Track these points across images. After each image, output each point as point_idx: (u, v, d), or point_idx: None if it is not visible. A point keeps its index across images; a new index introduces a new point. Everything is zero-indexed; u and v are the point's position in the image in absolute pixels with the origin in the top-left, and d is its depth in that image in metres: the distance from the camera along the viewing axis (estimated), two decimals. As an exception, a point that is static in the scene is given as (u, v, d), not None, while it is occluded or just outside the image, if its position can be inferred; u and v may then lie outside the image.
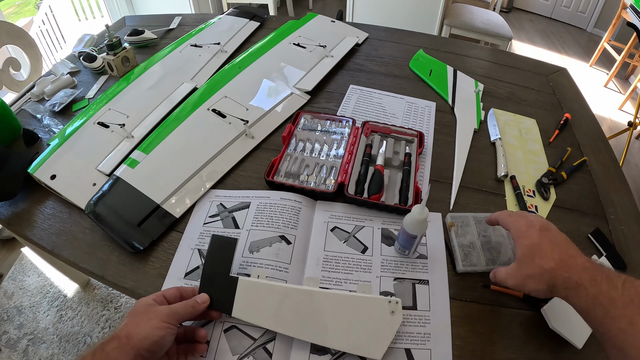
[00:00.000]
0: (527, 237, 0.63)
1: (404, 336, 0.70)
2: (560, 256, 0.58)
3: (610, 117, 3.53)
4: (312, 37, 1.45)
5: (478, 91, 1.29)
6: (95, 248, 0.82)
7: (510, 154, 1.08)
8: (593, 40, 4.86)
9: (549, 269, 0.58)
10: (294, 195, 0.89)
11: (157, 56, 1.34)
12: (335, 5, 4.79)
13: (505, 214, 0.70)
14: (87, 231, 0.84)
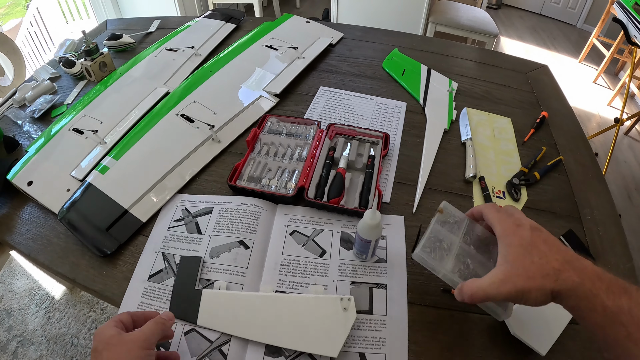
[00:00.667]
0: (517, 236, 0.55)
1: (358, 340, 0.69)
2: (564, 257, 0.52)
3: (599, 113, 3.52)
4: (285, 39, 1.43)
5: (451, 90, 1.26)
6: (68, 252, 0.83)
7: (481, 154, 1.05)
8: (583, 36, 4.86)
9: (554, 269, 0.51)
10: (254, 200, 0.89)
11: (134, 61, 1.34)
12: (323, 5, 4.78)
13: (492, 209, 0.62)
14: (61, 236, 0.86)
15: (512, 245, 0.55)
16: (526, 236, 0.55)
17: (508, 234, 0.56)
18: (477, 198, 0.95)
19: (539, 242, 0.54)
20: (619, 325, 0.46)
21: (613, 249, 0.89)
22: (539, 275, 0.50)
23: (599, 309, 0.47)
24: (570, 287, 0.49)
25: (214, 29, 1.54)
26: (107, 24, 1.64)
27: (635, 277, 0.85)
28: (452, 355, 0.69)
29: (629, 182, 2.86)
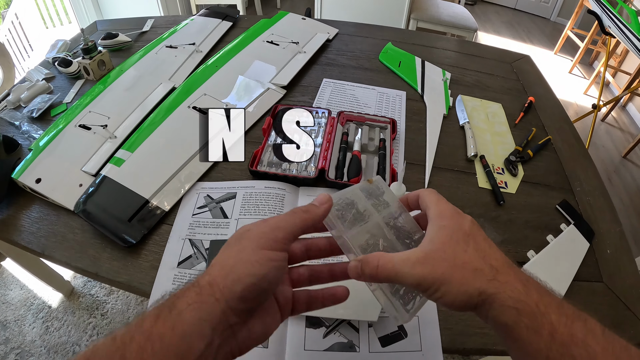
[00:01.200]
0: (454, 221, 0.44)
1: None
2: (504, 259, 0.41)
3: (576, 102, 3.64)
4: (285, 35, 1.49)
5: (446, 79, 1.35)
6: (86, 247, 0.82)
7: (478, 136, 1.13)
8: (557, 29, 5.01)
9: (492, 266, 0.39)
10: (277, 183, 0.92)
11: (133, 58, 1.35)
12: (303, 4, 4.83)
13: (433, 193, 0.48)
14: (76, 231, 0.85)
15: (445, 228, 0.43)
16: (465, 225, 0.43)
17: (444, 216, 0.44)
18: (480, 174, 1.03)
19: (478, 235, 0.43)
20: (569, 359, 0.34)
21: (603, 216, 0.98)
22: (470, 267, 0.39)
23: (546, 332, 0.35)
24: (510, 293, 0.37)
25: (212, 27, 1.58)
26: (97, 25, 1.66)
27: (627, 240, 0.93)
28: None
29: (608, 166, 2.99)
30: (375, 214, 0.52)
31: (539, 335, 0.35)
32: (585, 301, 0.79)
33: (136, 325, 0.35)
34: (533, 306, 0.36)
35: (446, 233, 0.42)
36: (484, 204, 0.96)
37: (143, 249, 0.82)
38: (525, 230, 0.91)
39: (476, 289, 0.38)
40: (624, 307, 0.79)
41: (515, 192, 0.99)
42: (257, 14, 4.26)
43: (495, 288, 0.38)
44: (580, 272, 0.83)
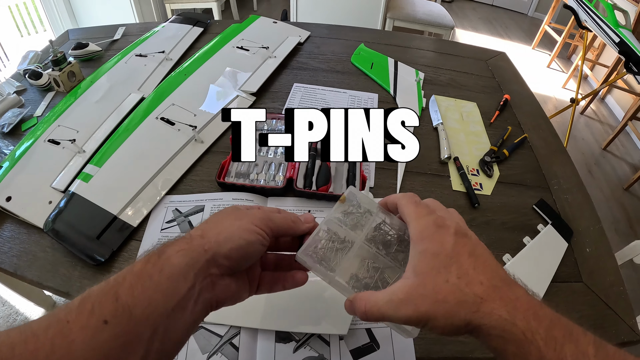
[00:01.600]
0: (435, 242, 0.42)
1: None
2: (491, 279, 0.39)
3: (555, 96, 3.66)
4: (255, 40, 1.46)
5: (419, 80, 1.33)
6: (57, 265, 0.80)
7: (452, 136, 1.11)
8: (534, 24, 5.04)
9: (476, 295, 0.38)
10: (245, 194, 0.90)
11: (103, 68, 1.32)
12: (280, 6, 4.81)
13: (410, 201, 0.47)
14: (47, 249, 0.83)
15: (426, 252, 0.41)
16: (448, 243, 0.41)
17: (424, 237, 0.42)
18: (454, 177, 1.00)
19: (462, 253, 0.41)
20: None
21: (582, 213, 0.96)
22: (453, 300, 0.38)
23: (533, 359, 0.35)
24: (495, 323, 0.37)
25: (182, 33, 1.54)
26: (69, 34, 1.61)
27: (606, 237, 0.92)
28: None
29: (589, 158, 3.00)
30: (356, 237, 0.50)
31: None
32: (565, 302, 0.78)
33: (127, 269, 0.39)
34: (519, 334, 0.36)
35: (426, 261, 0.41)
36: (458, 207, 0.93)
37: (113, 266, 0.80)
38: (502, 233, 0.89)
39: (462, 320, 0.38)
40: (605, 306, 0.78)
41: (491, 194, 0.98)
42: (233, 18, 4.22)
43: (479, 319, 0.37)
44: (559, 273, 0.81)
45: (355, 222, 0.52)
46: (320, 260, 0.49)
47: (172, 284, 0.39)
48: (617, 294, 0.81)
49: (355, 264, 0.49)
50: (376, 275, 0.48)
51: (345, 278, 0.48)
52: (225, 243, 0.42)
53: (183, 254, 0.40)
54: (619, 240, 2.40)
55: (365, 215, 0.52)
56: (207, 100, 1.18)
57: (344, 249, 0.50)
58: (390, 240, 0.51)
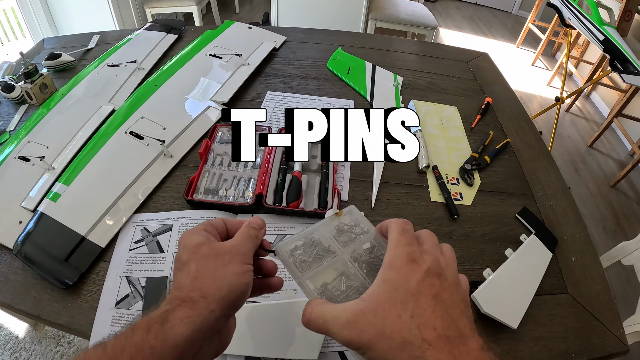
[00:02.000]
0: (402, 274, 0.39)
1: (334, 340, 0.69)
2: (446, 328, 0.36)
3: (540, 94, 3.66)
4: (229, 46, 1.42)
5: (397, 84, 1.29)
6: (28, 288, 0.78)
7: (431, 144, 1.07)
8: (518, 22, 5.06)
9: (423, 339, 0.35)
10: (214, 212, 0.87)
11: (76, 79, 1.28)
12: (262, 8, 4.77)
13: (398, 228, 0.45)
14: (19, 271, 0.81)
15: (388, 282, 0.39)
16: (413, 280, 0.39)
17: (393, 266, 0.41)
18: (432, 187, 0.96)
19: (426, 293, 0.38)
20: None
21: (567, 220, 0.93)
22: (399, 339, 0.36)
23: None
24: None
25: (156, 41, 1.50)
26: (45, 43, 1.57)
27: (592, 244, 0.89)
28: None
29: (574, 156, 3.00)
30: (340, 250, 0.50)
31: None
32: (549, 315, 0.75)
33: (126, 336, 0.37)
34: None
35: (386, 290, 0.39)
36: (437, 219, 0.90)
37: (82, 288, 0.78)
38: (482, 245, 0.86)
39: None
40: (591, 317, 0.76)
41: (472, 203, 0.94)
42: (214, 22, 4.18)
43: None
44: (543, 285, 0.78)
45: (347, 240, 0.51)
46: (295, 261, 0.49)
47: (177, 354, 0.37)
48: (603, 304, 0.78)
49: (330, 275, 0.48)
50: (348, 292, 0.46)
51: (316, 284, 0.47)
52: (229, 295, 0.42)
53: (189, 322, 0.38)
54: (607, 237, 2.38)
55: (360, 237, 0.51)
56: (177, 112, 1.14)
57: (324, 257, 0.49)
58: (377, 265, 0.47)
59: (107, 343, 0.37)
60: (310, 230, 0.52)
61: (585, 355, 0.71)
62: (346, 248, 0.50)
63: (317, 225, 0.52)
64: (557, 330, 0.73)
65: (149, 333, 0.37)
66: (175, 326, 0.38)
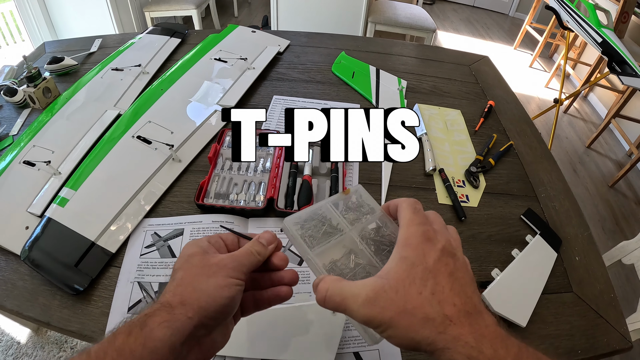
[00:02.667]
0: (419, 252, 0.40)
1: (350, 340, 0.71)
2: (464, 304, 0.37)
3: (538, 95, 3.68)
4: (233, 50, 1.43)
5: (402, 88, 1.31)
6: (36, 294, 0.77)
7: (437, 147, 1.09)
8: (516, 24, 5.09)
9: (444, 316, 0.36)
10: (225, 216, 0.87)
11: (79, 83, 1.28)
12: (261, 11, 4.79)
13: (410, 207, 0.45)
14: (26, 278, 0.80)
15: (406, 260, 0.39)
16: (430, 257, 0.39)
17: (409, 244, 0.40)
18: (439, 189, 0.98)
19: (443, 271, 0.39)
20: None
21: (570, 220, 0.95)
22: (420, 314, 0.36)
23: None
24: (462, 350, 0.34)
25: (159, 45, 1.51)
26: (45, 47, 1.58)
27: (595, 244, 0.91)
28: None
29: (573, 156, 3.02)
30: (349, 228, 0.49)
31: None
32: (555, 314, 0.77)
33: (109, 341, 0.38)
34: (489, 356, 0.34)
35: (404, 268, 0.39)
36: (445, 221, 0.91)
37: (93, 294, 0.77)
38: (489, 246, 0.87)
39: (424, 338, 0.36)
40: (596, 315, 0.78)
41: (478, 205, 0.96)
42: (214, 25, 4.19)
43: (444, 342, 0.35)
44: (548, 284, 0.80)
45: (354, 218, 0.51)
46: (304, 235, 0.49)
47: (156, 357, 0.38)
48: (607, 302, 0.80)
49: (338, 252, 0.48)
50: (356, 270, 0.46)
51: (324, 261, 0.47)
52: (208, 306, 0.41)
53: (166, 326, 0.39)
54: (606, 237, 2.41)
55: (367, 216, 0.51)
56: (184, 117, 1.15)
57: (333, 234, 0.49)
58: (384, 244, 0.49)
59: (91, 349, 0.37)
60: (319, 206, 0.52)
61: (591, 352, 0.72)
62: (354, 226, 0.50)
63: (325, 202, 0.52)
64: (563, 329, 0.75)
65: (130, 337, 0.38)
66: (153, 330, 0.38)
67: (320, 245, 0.48)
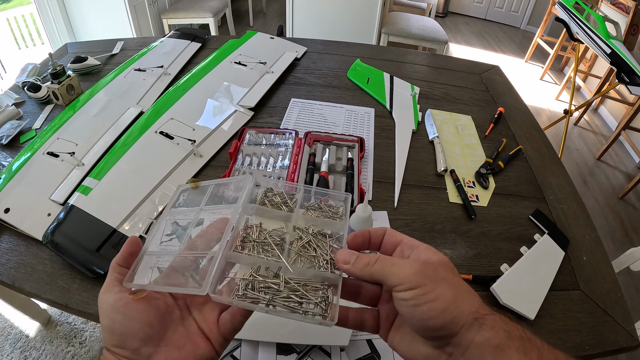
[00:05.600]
0: (428, 267, 0.38)
1: None
2: (479, 304, 0.37)
3: (549, 107, 3.69)
4: (253, 55, 1.48)
5: (414, 94, 1.35)
6: (56, 278, 0.80)
7: (448, 150, 1.13)
8: (527, 37, 5.11)
9: (472, 309, 0.36)
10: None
11: (102, 82, 1.33)
12: (276, 21, 4.87)
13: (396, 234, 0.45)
14: (46, 262, 0.83)
15: (429, 264, 0.39)
16: (438, 273, 0.38)
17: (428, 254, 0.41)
18: (450, 189, 1.02)
19: (455, 281, 0.39)
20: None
21: (577, 222, 0.98)
22: (464, 290, 0.38)
23: (534, 355, 0.34)
24: (499, 318, 0.36)
25: (180, 48, 1.56)
26: (68, 47, 1.63)
27: (602, 245, 0.94)
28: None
29: (583, 168, 3.02)
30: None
31: (528, 357, 0.34)
32: (563, 310, 0.79)
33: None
34: (520, 331, 0.35)
35: (433, 264, 0.39)
36: (455, 218, 0.95)
37: None
38: (498, 243, 0.90)
39: (471, 306, 0.36)
40: (603, 313, 0.79)
41: (487, 205, 0.99)
42: (229, 33, 4.26)
43: (487, 310, 0.36)
44: (556, 282, 0.82)
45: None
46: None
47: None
48: (614, 301, 0.82)
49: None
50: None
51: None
52: (110, 336, 0.40)
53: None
54: (615, 248, 2.40)
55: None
56: (205, 115, 1.20)
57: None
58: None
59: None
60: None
61: (599, 348, 0.74)
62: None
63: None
64: (571, 324, 0.77)
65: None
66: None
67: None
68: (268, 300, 0.42)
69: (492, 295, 0.77)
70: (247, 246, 0.47)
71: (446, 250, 0.87)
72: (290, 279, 0.44)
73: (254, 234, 0.48)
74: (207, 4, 3.65)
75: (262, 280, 0.43)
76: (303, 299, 0.42)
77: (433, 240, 0.89)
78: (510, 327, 0.35)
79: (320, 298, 0.42)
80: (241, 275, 0.45)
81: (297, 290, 0.43)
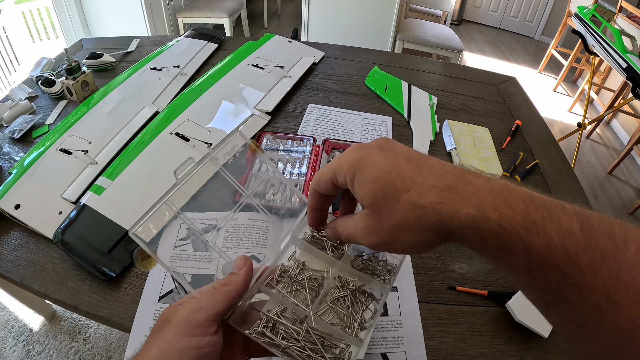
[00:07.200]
0: (366, 168, 0.36)
1: (378, 341, 0.72)
2: (442, 180, 0.34)
3: (561, 119, 3.68)
4: (270, 58, 1.48)
5: (432, 104, 1.34)
6: (65, 278, 0.79)
7: (466, 162, 1.12)
8: (541, 48, 5.09)
9: (432, 203, 0.33)
10: (260, 215, 0.89)
11: (117, 80, 1.32)
12: (290, 24, 4.88)
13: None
14: (56, 261, 0.82)
15: (365, 182, 0.36)
16: (379, 161, 0.36)
17: (354, 169, 0.37)
18: (467, 202, 1.01)
19: (399, 163, 0.35)
20: (552, 269, 0.29)
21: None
22: (412, 218, 0.33)
23: (520, 249, 0.30)
24: (465, 223, 0.32)
25: (197, 49, 1.56)
26: (83, 43, 1.63)
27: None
28: (465, 346, 0.73)
29: (594, 182, 3.01)
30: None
31: (514, 254, 0.31)
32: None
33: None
34: (495, 227, 0.31)
35: (369, 189, 0.36)
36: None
37: (123, 282, 0.79)
38: (515, 259, 0.90)
39: (429, 233, 0.34)
40: None
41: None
42: (244, 34, 4.27)
43: (447, 225, 0.33)
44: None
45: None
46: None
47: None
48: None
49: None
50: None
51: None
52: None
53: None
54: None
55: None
56: (221, 117, 1.19)
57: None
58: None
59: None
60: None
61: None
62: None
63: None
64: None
65: None
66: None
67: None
68: (284, 347, 0.43)
69: (507, 312, 0.76)
70: (284, 280, 0.49)
71: (462, 265, 0.86)
72: (312, 329, 0.44)
73: (293, 271, 0.50)
74: (223, 4, 3.67)
75: (284, 323, 0.44)
76: (318, 354, 0.43)
77: (449, 254, 0.89)
78: (482, 228, 0.32)
79: (335, 357, 0.43)
80: (268, 309, 0.46)
81: (315, 344, 0.43)
